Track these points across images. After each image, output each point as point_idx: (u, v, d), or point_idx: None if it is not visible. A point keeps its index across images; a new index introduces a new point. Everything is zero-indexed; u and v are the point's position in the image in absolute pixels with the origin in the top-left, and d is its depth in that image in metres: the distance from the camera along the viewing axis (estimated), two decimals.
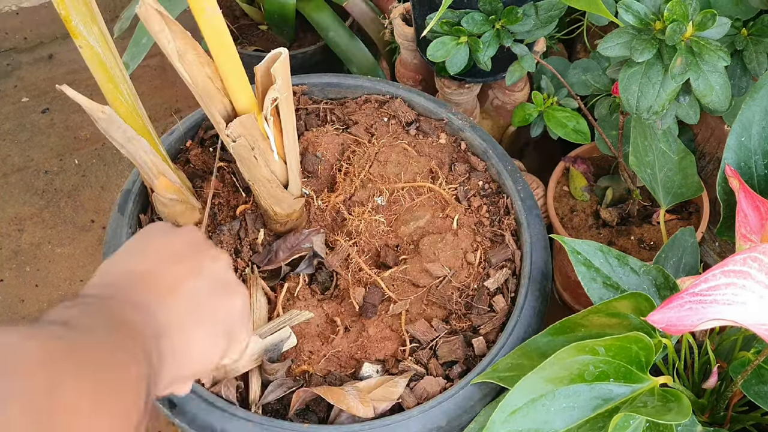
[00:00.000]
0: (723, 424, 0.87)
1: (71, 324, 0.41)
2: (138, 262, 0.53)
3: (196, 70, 0.79)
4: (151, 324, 0.47)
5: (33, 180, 1.81)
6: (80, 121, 1.92)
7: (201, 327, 0.53)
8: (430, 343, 0.95)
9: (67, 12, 0.76)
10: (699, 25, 0.89)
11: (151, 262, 0.54)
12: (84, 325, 0.41)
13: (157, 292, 0.51)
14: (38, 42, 2.13)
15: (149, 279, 0.51)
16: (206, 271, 0.56)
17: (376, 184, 1.09)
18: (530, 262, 0.99)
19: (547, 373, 0.74)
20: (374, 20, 1.58)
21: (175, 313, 0.51)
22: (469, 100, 1.40)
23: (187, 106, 1.96)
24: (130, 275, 0.51)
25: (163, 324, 0.49)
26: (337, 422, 0.88)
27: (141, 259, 0.54)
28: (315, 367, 0.94)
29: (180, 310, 0.51)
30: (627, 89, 0.94)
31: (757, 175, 0.93)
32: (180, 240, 0.57)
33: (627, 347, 0.75)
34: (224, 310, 0.56)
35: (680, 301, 0.67)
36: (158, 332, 0.48)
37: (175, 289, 0.52)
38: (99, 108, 0.85)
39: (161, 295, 0.51)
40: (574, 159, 1.39)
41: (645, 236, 1.32)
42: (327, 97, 1.21)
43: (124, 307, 0.47)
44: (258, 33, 1.80)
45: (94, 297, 0.47)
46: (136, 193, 1.04)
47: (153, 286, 0.51)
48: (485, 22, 1.13)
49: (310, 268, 1.02)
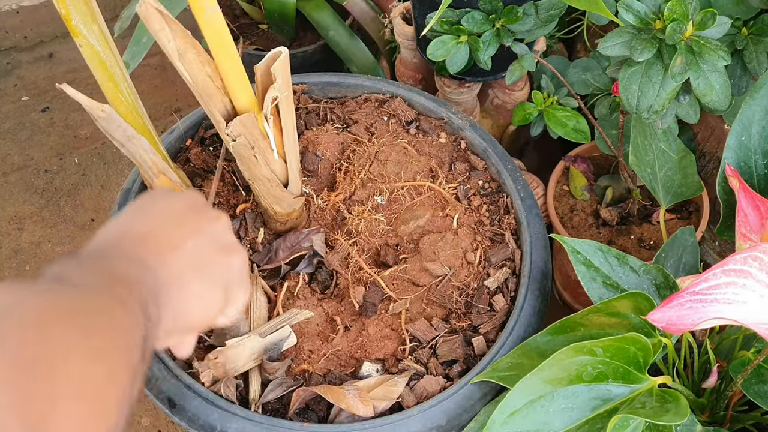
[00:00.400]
0: (723, 423, 0.87)
1: (64, 278, 0.41)
2: (139, 223, 0.54)
3: (196, 69, 0.79)
4: (149, 276, 0.48)
5: (33, 179, 1.81)
6: (80, 120, 1.92)
7: (199, 282, 0.53)
8: (430, 342, 0.95)
9: (67, 11, 0.76)
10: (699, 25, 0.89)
11: (152, 223, 0.54)
12: (76, 278, 0.42)
13: (158, 249, 0.51)
14: (38, 41, 2.13)
15: (150, 238, 0.52)
16: (206, 231, 0.57)
17: (376, 183, 1.09)
18: (530, 261, 0.99)
19: (546, 374, 0.74)
20: (374, 19, 1.58)
21: (174, 269, 0.51)
22: (469, 99, 1.40)
23: (188, 105, 1.96)
24: (131, 235, 0.52)
25: (162, 278, 0.49)
26: (337, 421, 0.88)
27: (142, 220, 0.55)
28: (315, 366, 0.94)
29: (179, 266, 0.52)
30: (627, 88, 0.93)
31: (756, 174, 0.93)
32: (181, 202, 0.58)
33: (625, 348, 0.75)
34: (223, 267, 0.57)
35: (681, 300, 0.67)
36: (157, 285, 0.48)
37: (175, 246, 0.53)
38: (99, 107, 0.85)
39: (161, 252, 0.51)
40: (574, 158, 1.39)
41: (645, 236, 1.32)
42: (327, 96, 1.21)
43: (121, 261, 0.47)
44: (258, 32, 1.80)
45: (92, 254, 0.48)
46: (136, 192, 1.04)
47: (153, 245, 0.52)
48: (485, 22, 1.13)
49: (310, 267, 1.02)
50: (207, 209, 0.60)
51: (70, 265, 0.43)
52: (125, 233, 0.52)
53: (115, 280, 0.44)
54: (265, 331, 0.92)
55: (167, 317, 0.49)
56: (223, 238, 0.58)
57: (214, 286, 0.55)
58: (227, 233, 0.60)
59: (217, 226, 0.58)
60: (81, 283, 0.42)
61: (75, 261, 0.45)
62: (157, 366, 0.89)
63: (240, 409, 0.85)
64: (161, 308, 0.48)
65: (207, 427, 0.85)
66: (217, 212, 0.60)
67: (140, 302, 0.44)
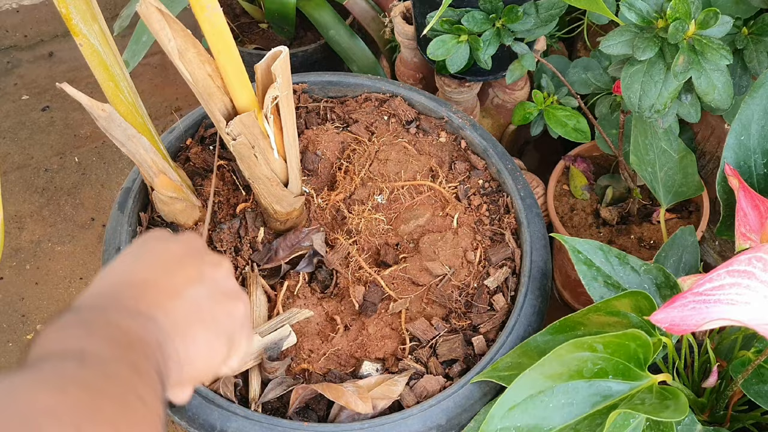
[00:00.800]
0: (723, 423, 0.87)
1: (82, 357, 0.40)
2: (136, 270, 0.53)
3: (196, 69, 0.79)
4: (154, 331, 0.47)
5: (33, 178, 1.81)
6: (80, 119, 1.92)
7: (203, 332, 0.52)
8: (430, 341, 0.95)
9: (67, 10, 0.76)
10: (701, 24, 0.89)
11: (150, 270, 0.53)
12: (95, 355, 0.41)
13: (158, 298, 0.50)
14: (38, 40, 2.13)
15: (149, 287, 0.51)
16: (207, 278, 0.55)
17: (376, 183, 1.09)
18: (530, 260, 0.99)
19: (546, 369, 0.74)
20: (375, 19, 1.58)
21: (177, 318, 0.50)
22: (470, 98, 1.40)
23: (188, 104, 1.96)
24: (129, 283, 0.50)
25: (166, 329, 0.48)
26: (337, 421, 0.88)
27: (139, 266, 0.53)
28: (315, 365, 0.94)
29: (182, 315, 0.51)
30: (629, 87, 0.93)
31: (756, 174, 0.93)
32: (179, 246, 0.57)
33: (625, 344, 0.75)
34: (226, 315, 0.55)
35: (684, 300, 0.67)
36: (162, 339, 0.47)
37: (176, 294, 0.52)
38: (99, 106, 0.84)
39: (162, 301, 0.50)
40: (574, 158, 1.39)
41: (645, 235, 1.32)
42: (327, 95, 1.21)
43: (126, 318, 0.46)
44: (258, 31, 1.80)
45: (94, 309, 0.46)
46: (136, 191, 1.04)
47: (153, 294, 0.50)
48: (486, 21, 1.13)
49: (310, 266, 1.02)
50: (206, 254, 0.58)
51: (79, 331, 0.42)
52: (124, 282, 0.51)
53: (129, 346, 0.43)
54: (265, 330, 0.92)
55: (172, 370, 0.48)
56: (225, 284, 0.57)
57: (218, 335, 0.54)
58: (229, 279, 0.58)
59: (219, 272, 0.57)
60: (96, 355, 0.40)
61: (84, 326, 0.43)
62: None
63: (240, 408, 0.85)
64: (167, 361, 0.47)
65: (207, 426, 0.85)
66: (217, 257, 0.59)
67: (155, 366, 0.44)
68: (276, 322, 0.93)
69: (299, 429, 0.84)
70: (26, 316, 1.57)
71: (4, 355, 1.51)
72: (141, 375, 0.41)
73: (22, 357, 0.41)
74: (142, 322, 0.46)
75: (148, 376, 0.42)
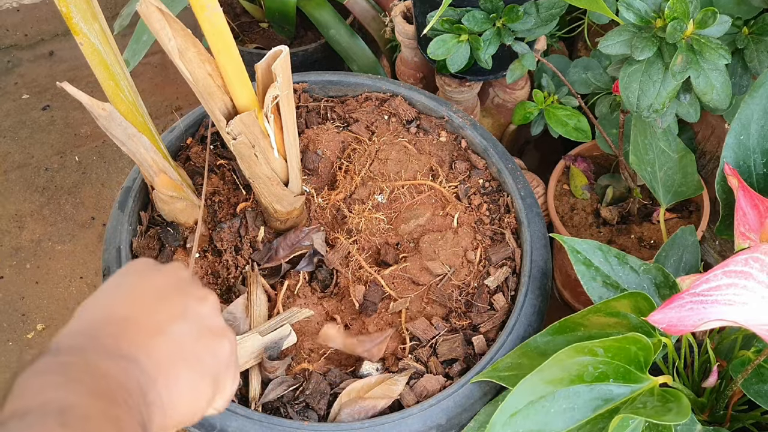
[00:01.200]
0: (723, 422, 0.87)
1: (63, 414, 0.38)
2: (117, 304, 0.50)
3: (196, 68, 0.79)
4: (136, 375, 0.45)
5: (33, 177, 1.81)
6: (81, 118, 1.92)
7: (186, 373, 0.50)
8: (430, 341, 0.95)
9: (68, 9, 0.76)
10: (700, 23, 0.89)
11: (132, 305, 0.51)
12: (76, 412, 0.39)
13: (140, 337, 0.48)
14: (39, 39, 2.13)
15: (130, 324, 0.48)
16: (191, 313, 0.53)
17: (376, 182, 1.09)
18: (530, 260, 0.99)
19: (547, 374, 0.73)
20: (375, 18, 1.58)
21: (160, 358, 0.48)
22: (470, 98, 1.40)
23: (188, 103, 1.96)
24: (109, 320, 0.48)
25: (149, 371, 0.46)
26: (337, 420, 0.88)
27: (121, 301, 0.51)
28: (315, 364, 0.94)
29: (164, 355, 0.49)
30: (627, 87, 0.93)
31: (755, 173, 0.93)
32: (163, 279, 0.54)
33: (626, 348, 0.75)
34: (210, 354, 0.53)
35: (681, 301, 0.67)
36: (144, 382, 0.45)
37: (158, 332, 0.49)
38: (100, 105, 0.85)
39: (144, 340, 0.48)
40: (574, 157, 1.39)
41: (645, 235, 1.32)
42: (328, 94, 1.21)
43: (106, 360, 0.44)
44: (258, 30, 1.80)
45: (72, 351, 0.44)
46: (136, 191, 1.04)
47: (134, 331, 0.48)
48: (486, 20, 1.13)
49: (310, 265, 1.02)
50: (192, 287, 0.56)
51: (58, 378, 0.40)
52: (104, 319, 0.48)
53: (111, 399, 0.41)
54: (265, 329, 0.92)
55: (156, 415, 0.46)
56: (210, 320, 0.54)
57: (202, 376, 0.51)
58: (215, 315, 0.56)
59: (204, 307, 0.54)
60: (78, 411, 0.39)
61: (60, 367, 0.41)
62: None
63: (240, 408, 0.85)
64: (150, 407, 0.45)
65: (207, 426, 0.85)
66: (203, 291, 0.56)
67: (138, 418, 0.42)
68: (276, 322, 0.93)
69: (299, 428, 0.84)
70: (26, 315, 1.57)
71: (4, 354, 1.52)
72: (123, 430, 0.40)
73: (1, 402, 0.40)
74: (123, 366, 0.45)
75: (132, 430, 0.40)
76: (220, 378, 0.53)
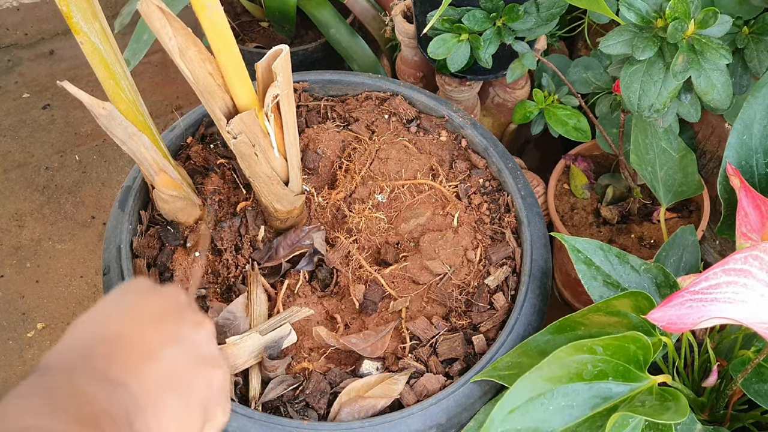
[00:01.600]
0: (723, 422, 0.87)
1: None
2: (114, 321, 0.50)
3: (197, 67, 0.79)
4: (124, 401, 0.44)
5: (33, 176, 1.81)
6: (81, 117, 1.92)
7: (176, 401, 0.49)
8: (430, 340, 0.95)
9: (68, 8, 0.76)
10: (700, 23, 0.89)
11: (128, 323, 0.50)
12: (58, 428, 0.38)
13: (131, 360, 0.47)
14: (39, 38, 2.13)
15: (123, 344, 0.48)
16: (186, 339, 0.52)
17: (376, 182, 1.09)
18: (530, 259, 0.99)
19: (546, 372, 0.73)
20: (375, 17, 1.58)
21: (149, 384, 0.47)
22: (470, 97, 1.40)
23: (188, 102, 1.96)
24: (102, 338, 0.48)
25: (137, 397, 0.46)
26: (337, 419, 0.88)
27: (117, 318, 0.50)
28: (315, 364, 0.94)
29: (154, 381, 0.48)
30: (628, 87, 0.93)
31: (758, 173, 0.93)
32: (161, 301, 0.54)
33: (625, 346, 0.75)
34: (202, 383, 0.52)
35: (681, 299, 0.67)
36: (131, 410, 0.45)
37: (150, 356, 0.48)
38: (100, 104, 0.85)
39: (135, 363, 0.47)
40: (574, 157, 1.39)
41: (645, 234, 1.32)
42: (328, 94, 1.21)
43: (94, 385, 0.43)
44: (259, 30, 1.80)
45: (61, 371, 0.44)
46: (136, 190, 1.04)
47: (127, 353, 0.47)
48: (486, 20, 1.13)
49: (310, 265, 1.02)
50: (189, 312, 0.55)
51: (44, 402, 0.39)
52: (97, 336, 0.48)
53: (96, 427, 0.40)
54: (266, 329, 0.92)
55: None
56: (204, 348, 0.53)
57: (192, 405, 0.50)
58: (209, 342, 0.55)
59: (199, 334, 0.53)
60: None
61: (47, 391, 0.40)
62: None
63: (240, 407, 0.85)
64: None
65: None
66: (200, 317, 0.55)
67: None
68: (276, 321, 0.93)
69: (300, 428, 0.84)
70: (27, 314, 1.57)
71: (4, 353, 1.52)
72: None
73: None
74: (111, 391, 0.44)
75: None
76: (210, 408, 0.53)
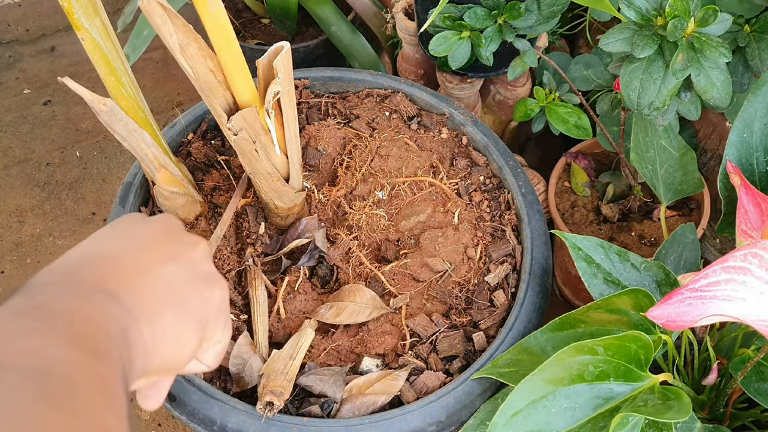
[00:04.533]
0: (722, 420, 0.87)
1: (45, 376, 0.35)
2: (105, 246, 0.49)
3: (198, 63, 0.79)
4: (118, 315, 0.43)
5: (34, 172, 1.81)
6: (82, 113, 1.92)
7: (171, 314, 0.47)
8: (430, 337, 0.95)
9: (69, 4, 0.76)
10: (700, 22, 0.89)
11: (120, 247, 0.49)
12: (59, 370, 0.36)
13: (125, 275, 0.46)
14: (40, 34, 2.13)
15: (115, 263, 0.47)
16: (182, 258, 0.51)
17: (377, 179, 1.09)
18: (531, 257, 0.99)
19: (547, 374, 0.73)
20: (376, 14, 1.58)
21: (143, 297, 0.46)
22: (471, 95, 1.40)
23: (189, 99, 1.96)
24: (94, 258, 0.47)
25: (131, 309, 0.44)
26: (338, 416, 0.88)
27: (108, 243, 0.49)
28: (315, 361, 0.94)
29: (149, 294, 0.46)
30: (628, 85, 0.93)
31: (758, 171, 0.93)
32: (154, 226, 0.53)
33: (626, 346, 0.75)
34: (199, 299, 0.51)
35: (680, 296, 0.67)
36: (126, 323, 0.43)
37: (145, 272, 0.47)
38: (101, 100, 0.85)
39: (129, 278, 0.46)
40: (575, 155, 1.39)
41: (646, 232, 1.32)
42: (329, 91, 1.21)
43: (86, 300, 0.42)
44: (260, 26, 1.80)
45: (51, 288, 0.42)
46: (137, 186, 1.04)
47: (120, 269, 0.46)
48: (487, 17, 1.13)
49: (311, 261, 1.02)
50: (183, 234, 0.55)
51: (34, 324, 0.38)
52: (89, 257, 0.47)
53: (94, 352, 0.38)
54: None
55: (137, 358, 0.43)
56: (201, 266, 0.53)
57: (189, 320, 0.49)
58: (206, 261, 0.54)
59: (195, 253, 0.53)
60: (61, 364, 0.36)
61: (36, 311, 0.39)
62: None
63: (240, 403, 0.86)
64: (131, 351, 0.42)
65: (207, 421, 0.85)
66: (195, 237, 0.55)
67: (121, 373, 0.40)
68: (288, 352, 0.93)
69: (299, 424, 0.84)
70: None
71: None
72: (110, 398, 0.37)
73: None
74: (104, 304, 0.43)
75: (116, 396, 0.38)
76: (209, 325, 0.52)
